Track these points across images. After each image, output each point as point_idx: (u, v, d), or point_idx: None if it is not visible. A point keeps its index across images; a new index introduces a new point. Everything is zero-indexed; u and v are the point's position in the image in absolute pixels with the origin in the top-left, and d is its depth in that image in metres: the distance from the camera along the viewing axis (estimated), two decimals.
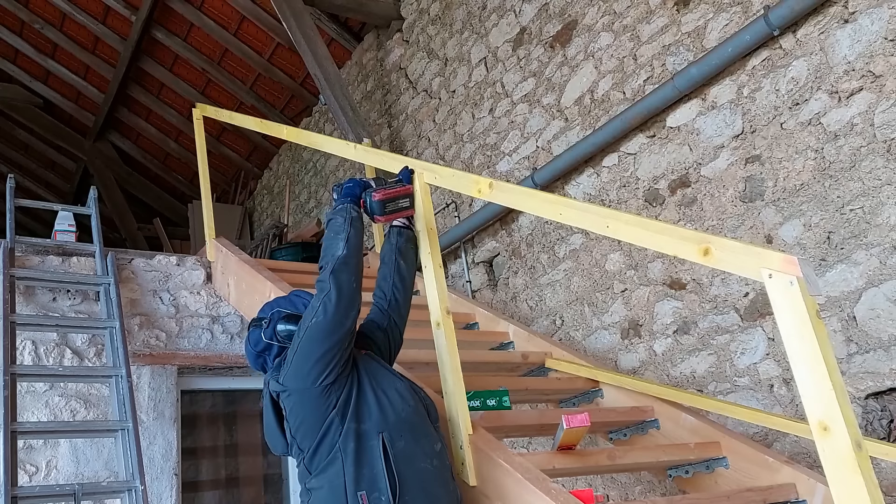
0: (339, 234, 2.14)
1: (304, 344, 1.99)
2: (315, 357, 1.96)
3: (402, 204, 2.37)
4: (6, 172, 7.71)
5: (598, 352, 3.86)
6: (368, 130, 5.70)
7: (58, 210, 4.10)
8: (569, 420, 2.22)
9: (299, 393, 1.98)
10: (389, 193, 2.33)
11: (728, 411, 2.67)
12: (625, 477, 3.63)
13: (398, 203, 2.36)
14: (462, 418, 2.20)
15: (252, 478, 4.20)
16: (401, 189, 2.37)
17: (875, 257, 2.72)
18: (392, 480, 1.88)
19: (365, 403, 1.98)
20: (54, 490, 3.03)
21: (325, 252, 2.12)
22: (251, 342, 2.21)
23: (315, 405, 1.96)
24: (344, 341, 2.02)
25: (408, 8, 6.02)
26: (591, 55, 4.10)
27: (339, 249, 2.09)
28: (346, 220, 2.18)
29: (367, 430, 1.94)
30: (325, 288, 2.02)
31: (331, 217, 2.23)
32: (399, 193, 2.36)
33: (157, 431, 3.60)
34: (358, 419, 1.95)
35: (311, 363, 1.96)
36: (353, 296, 2.07)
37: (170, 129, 9.09)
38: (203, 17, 7.25)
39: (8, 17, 8.01)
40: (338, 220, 2.20)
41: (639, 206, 3.73)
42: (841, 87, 2.89)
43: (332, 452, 1.92)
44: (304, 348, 1.99)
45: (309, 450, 1.96)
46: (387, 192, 2.33)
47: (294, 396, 1.99)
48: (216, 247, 4.09)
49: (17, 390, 3.16)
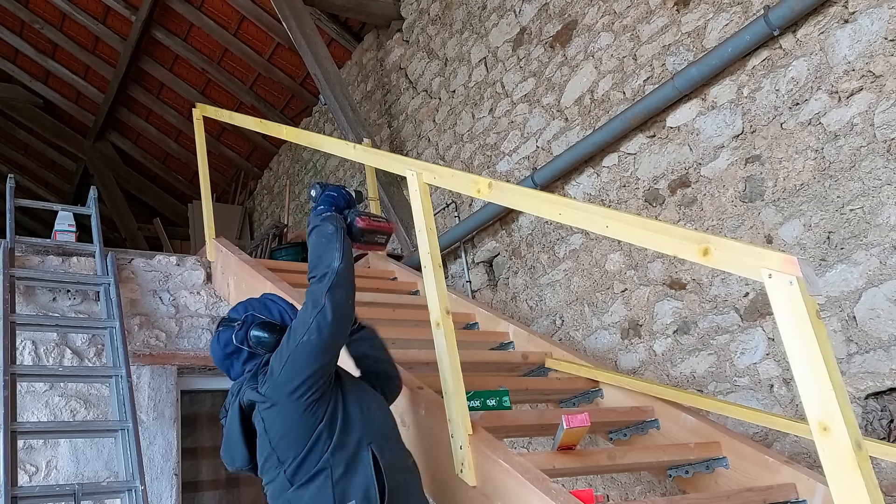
0: (332, 242, 2.04)
1: (294, 359, 1.93)
2: (305, 375, 1.92)
3: (378, 239, 2.29)
4: (6, 172, 7.70)
5: (598, 352, 3.86)
6: (368, 130, 5.70)
7: (58, 210, 4.10)
8: (569, 420, 2.22)
9: (282, 405, 1.93)
10: (374, 225, 2.25)
11: (728, 411, 2.67)
12: (625, 477, 3.63)
13: (375, 237, 2.27)
14: (462, 418, 2.20)
15: (252, 478, 4.18)
16: (384, 225, 2.29)
17: (875, 257, 2.72)
18: (382, 488, 1.87)
19: (351, 415, 1.97)
20: (54, 490, 3.03)
21: (319, 261, 2.03)
22: (220, 342, 2.13)
23: (300, 418, 1.91)
24: (335, 359, 2.01)
25: (408, 8, 6.02)
26: (591, 55, 4.10)
27: (336, 260, 2.00)
28: (337, 230, 2.08)
29: (356, 441, 1.93)
30: (320, 304, 1.93)
31: (318, 224, 2.12)
32: (381, 228, 2.28)
33: (156, 431, 3.60)
34: (346, 431, 1.93)
35: (301, 380, 1.91)
36: (348, 314, 2.02)
37: (170, 129, 9.09)
38: (203, 17, 7.25)
39: (8, 17, 8.01)
40: (328, 227, 2.09)
41: (639, 206, 3.73)
42: (841, 87, 2.89)
43: (319, 463, 1.89)
44: (293, 364, 1.93)
45: (293, 461, 1.91)
46: (372, 222, 2.24)
47: (276, 409, 1.94)
48: (216, 247, 4.09)
49: (17, 390, 3.16)
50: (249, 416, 2.04)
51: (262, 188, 9.16)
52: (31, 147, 10.33)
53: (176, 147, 9.29)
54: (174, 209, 10.22)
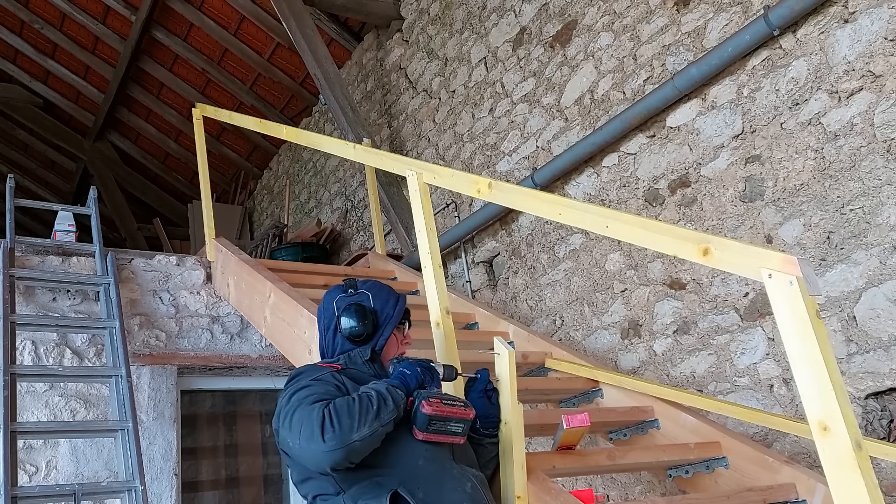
0: (366, 415, 1.69)
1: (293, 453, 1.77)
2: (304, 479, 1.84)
3: (452, 428, 1.80)
4: (6, 172, 7.70)
5: (598, 352, 3.86)
6: (368, 130, 5.70)
7: (58, 210, 4.10)
8: (569, 420, 2.22)
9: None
10: (445, 411, 1.79)
11: (728, 411, 2.67)
12: (625, 477, 3.63)
13: (448, 425, 1.79)
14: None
15: (252, 478, 4.20)
16: (459, 411, 1.81)
17: (875, 257, 2.72)
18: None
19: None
20: (54, 490, 3.03)
21: (344, 415, 1.68)
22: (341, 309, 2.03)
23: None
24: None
25: (408, 8, 6.02)
26: (591, 55, 4.10)
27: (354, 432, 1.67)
28: (394, 403, 1.75)
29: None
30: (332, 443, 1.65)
31: (379, 388, 1.78)
32: (455, 415, 1.80)
33: (156, 431, 3.60)
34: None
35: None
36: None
37: (170, 129, 9.09)
38: (203, 17, 7.25)
39: (8, 17, 8.01)
40: (393, 395, 1.76)
41: (639, 206, 3.73)
42: (841, 87, 2.89)
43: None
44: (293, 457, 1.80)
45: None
46: (443, 407, 1.79)
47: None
48: (216, 247, 4.09)
49: (17, 390, 3.16)
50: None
51: (262, 188, 9.16)
52: (31, 147, 10.32)
53: (176, 147, 9.29)
54: (174, 209, 10.21)
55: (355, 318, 2.00)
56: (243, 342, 4.04)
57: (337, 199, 7.09)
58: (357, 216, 6.64)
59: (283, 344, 3.22)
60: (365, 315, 2.01)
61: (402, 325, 2.12)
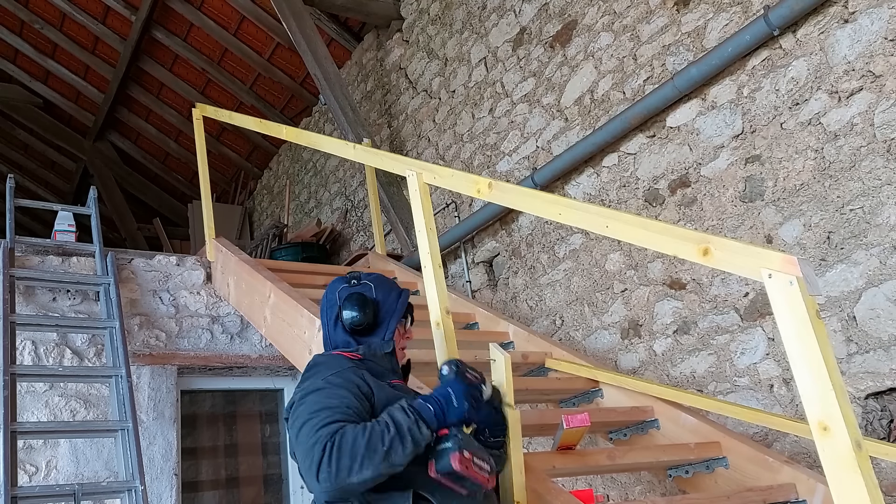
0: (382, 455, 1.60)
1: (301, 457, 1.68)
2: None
3: (467, 485, 1.68)
4: (6, 172, 7.70)
5: (598, 352, 3.86)
6: (368, 130, 5.70)
7: (58, 210, 4.10)
8: (569, 420, 2.22)
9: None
10: (470, 473, 1.66)
11: (728, 411, 2.67)
12: (625, 477, 3.63)
13: (465, 483, 1.68)
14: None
15: (252, 478, 4.20)
16: (482, 478, 1.69)
17: (875, 257, 2.72)
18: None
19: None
20: (54, 490, 3.03)
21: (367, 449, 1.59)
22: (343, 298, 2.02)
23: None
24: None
25: (408, 8, 6.02)
26: (591, 55, 4.10)
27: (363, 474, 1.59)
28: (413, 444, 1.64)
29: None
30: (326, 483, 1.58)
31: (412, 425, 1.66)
32: (476, 480, 1.68)
33: (156, 431, 3.60)
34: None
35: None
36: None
37: (170, 129, 9.10)
38: (203, 17, 7.25)
39: (8, 17, 8.01)
40: (414, 435, 1.65)
41: (639, 206, 3.73)
42: (841, 87, 2.89)
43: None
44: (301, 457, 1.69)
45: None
46: (471, 470, 1.66)
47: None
48: (216, 247, 4.09)
49: (17, 390, 3.16)
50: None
51: (262, 188, 9.16)
52: (31, 147, 10.33)
53: (176, 147, 9.29)
54: (174, 209, 10.22)
55: (356, 308, 1.99)
56: (243, 342, 4.04)
57: (337, 199, 7.09)
58: (357, 216, 6.64)
59: (283, 344, 3.22)
60: (366, 304, 2.00)
61: (405, 320, 2.12)
